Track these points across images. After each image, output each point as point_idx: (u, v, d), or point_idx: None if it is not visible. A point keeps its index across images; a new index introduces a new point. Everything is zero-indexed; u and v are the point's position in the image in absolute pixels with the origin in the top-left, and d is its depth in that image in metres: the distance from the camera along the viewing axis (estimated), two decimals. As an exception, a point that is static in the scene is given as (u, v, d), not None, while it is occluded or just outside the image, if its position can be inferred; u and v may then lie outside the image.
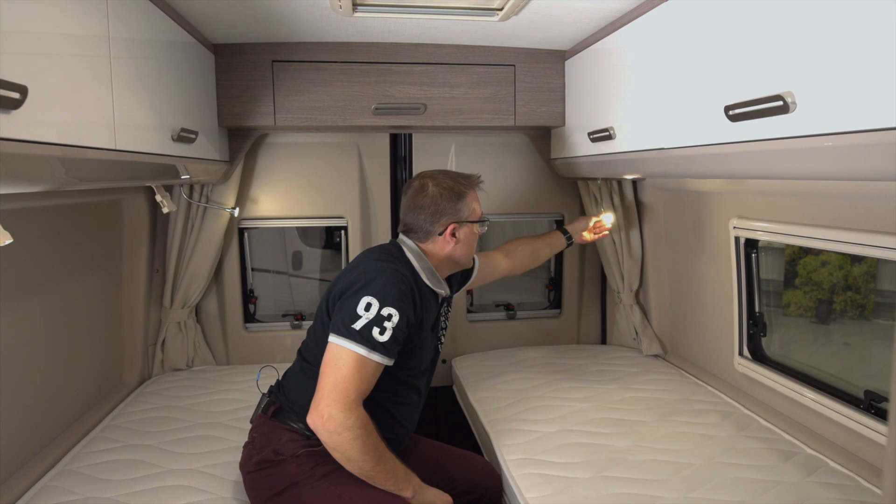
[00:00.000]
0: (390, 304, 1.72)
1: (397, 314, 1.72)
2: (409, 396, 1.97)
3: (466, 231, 2.00)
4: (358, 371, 1.69)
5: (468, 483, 2.04)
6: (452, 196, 1.97)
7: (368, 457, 1.69)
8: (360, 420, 1.68)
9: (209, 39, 2.36)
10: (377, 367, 1.73)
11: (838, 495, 1.80)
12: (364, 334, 1.70)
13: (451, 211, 1.96)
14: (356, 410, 1.67)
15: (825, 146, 1.14)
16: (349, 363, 1.69)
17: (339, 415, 1.65)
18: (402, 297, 1.75)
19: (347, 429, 1.66)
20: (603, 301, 3.52)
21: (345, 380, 1.68)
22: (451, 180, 1.99)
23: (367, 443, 1.68)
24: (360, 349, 1.69)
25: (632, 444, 2.15)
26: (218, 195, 2.90)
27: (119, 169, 1.54)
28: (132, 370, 2.81)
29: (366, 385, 1.72)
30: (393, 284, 1.75)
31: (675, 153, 1.71)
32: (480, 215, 2.04)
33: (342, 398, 1.66)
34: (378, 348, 1.71)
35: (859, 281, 2.16)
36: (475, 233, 2.03)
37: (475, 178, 2.05)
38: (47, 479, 1.93)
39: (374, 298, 1.72)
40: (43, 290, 2.12)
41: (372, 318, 1.71)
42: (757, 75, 1.33)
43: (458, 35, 2.44)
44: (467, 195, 1.99)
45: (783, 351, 2.45)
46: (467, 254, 2.03)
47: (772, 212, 2.24)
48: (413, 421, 2.04)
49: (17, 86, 0.99)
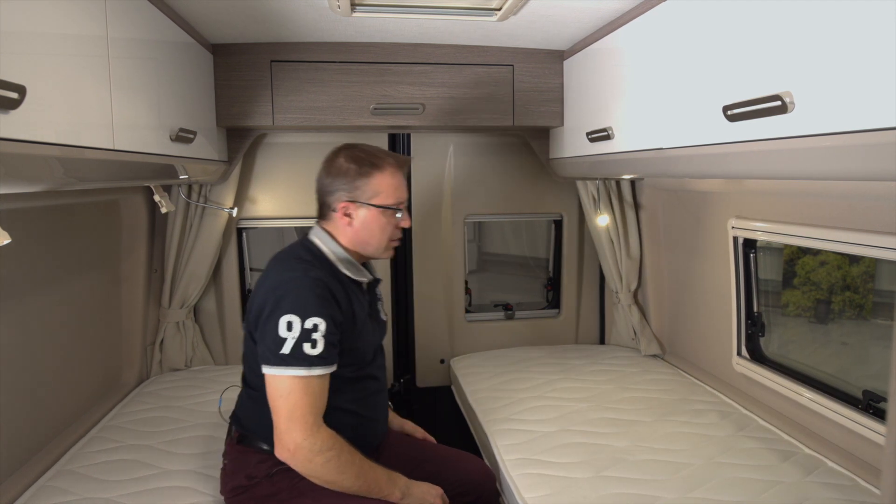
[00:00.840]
0: (312, 315, 1.60)
1: (322, 322, 1.61)
2: (365, 388, 1.86)
3: (367, 215, 1.78)
4: (306, 393, 1.60)
5: (464, 485, 2.00)
6: (356, 171, 1.76)
7: (347, 474, 1.63)
8: (328, 441, 1.61)
9: (208, 39, 2.36)
10: (323, 381, 1.64)
11: (837, 495, 1.80)
12: (296, 355, 1.59)
13: (348, 187, 1.76)
14: (320, 432, 1.60)
15: (823, 146, 1.14)
16: (294, 390, 1.59)
17: (305, 442, 1.58)
18: (320, 302, 1.63)
19: (317, 453, 1.59)
20: (601, 301, 3.52)
21: (297, 407, 1.59)
22: (365, 154, 1.78)
23: (340, 461, 1.62)
24: (299, 371, 1.59)
25: (630, 444, 2.15)
26: (216, 195, 2.90)
27: (117, 169, 1.53)
28: (130, 370, 2.80)
29: (320, 403, 1.63)
30: (306, 293, 1.63)
31: (674, 153, 1.71)
32: (395, 203, 1.79)
33: (301, 425, 1.59)
34: (316, 362, 1.60)
35: (858, 281, 2.17)
36: (385, 221, 1.79)
37: (400, 159, 1.83)
38: (46, 480, 1.93)
39: (292, 315, 1.60)
40: (41, 289, 2.12)
41: (298, 335, 1.59)
42: (755, 75, 1.33)
43: (457, 35, 2.44)
44: (375, 174, 1.76)
45: (782, 351, 2.45)
46: (371, 243, 1.81)
47: (770, 212, 2.24)
48: (381, 408, 1.95)
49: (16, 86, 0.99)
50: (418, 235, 3.27)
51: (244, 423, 1.81)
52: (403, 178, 1.83)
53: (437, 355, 3.36)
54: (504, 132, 3.03)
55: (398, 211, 1.80)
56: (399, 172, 1.81)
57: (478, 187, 3.31)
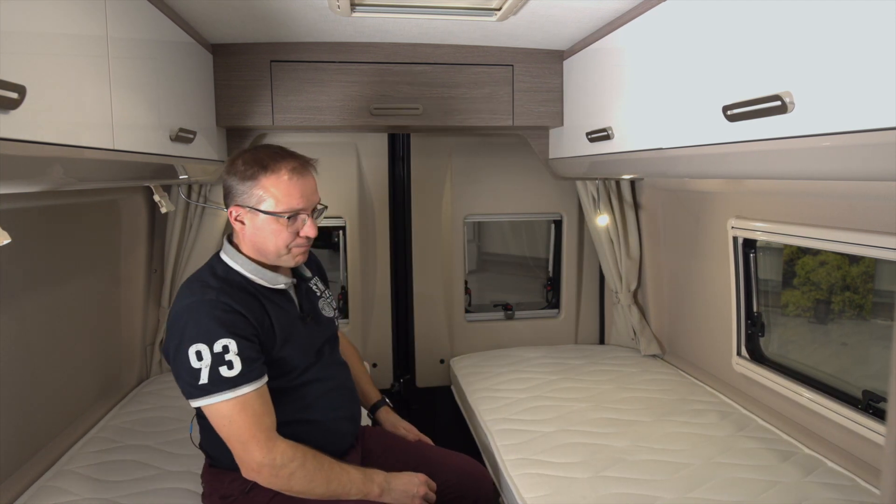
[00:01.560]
0: (217, 338, 1.54)
1: (231, 341, 1.54)
2: (308, 394, 1.78)
3: (257, 221, 1.66)
4: (246, 413, 1.55)
5: (461, 487, 1.97)
6: (242, 174, 1.65)
7: (316, 482, 1.59)
8: (287, 453, 1.56)
9: (207, 39, 2.36)
10: (259, 395, 1.57)
11: (836, 495, 1.80)
12: (215, 381, 1.53)
13: (237, 191, 1.66)
14: (277, 447, 1.56)
15: (823, 146, 1.14)
16: (232, 414, 1.54)
17: (265, 460, 1.54)
18: (221, 322, 1.55)
19: (280, 468, 1.55)
20: (601, 301, 3.52)
21: (243, 429, 1.54)
22: (262, 155, 1.67)
23: (306, 470, 1.57)
24: (226, 395, 1.53)
25: (630, 444, 2.15)
26: (216, 195, 2.90)
27: (117, 169, 1.53)
28: (130, 370, 2.80)
29: (266, 418, 1.58)
30: (204, 318, 1.56)
31: (673, 153, 1.71)
32: (286, 210, 1.64)
33: (255, 445, 1.54)
34: (240, 382, 1.54)
35: (857, 281, 2.17)
36: (277, 228, 1.66)
37: (300, 161, 1.69)
38: (45, 479, 1.93)
39: (198, 344, 1.53)
40: (41, 290, 2.12)
41: (210, 362, 1.52)
42: (755, 75, 1.33)
43: (457, 35, 2.44)
44: (262, 178, 1.64)
45: (781, 351, 2.45)
46: (269, 249, 1.69)
47: (770, 212, 2.24)
48: (338, 408, 1.85)
49: (16, 86, 0.99)
50: (418, 235, 3.27)
51: (208, 449, 1.78)
52: (305, 182, 1.68)
53: (437, 355, 3.36)
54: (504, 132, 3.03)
55: (293, 218, 1.66)
56: (297, 177, 1.66)
57: (477, 187, 3.31)
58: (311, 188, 1.70)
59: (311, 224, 1.70)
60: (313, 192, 1.70)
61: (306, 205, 1.68)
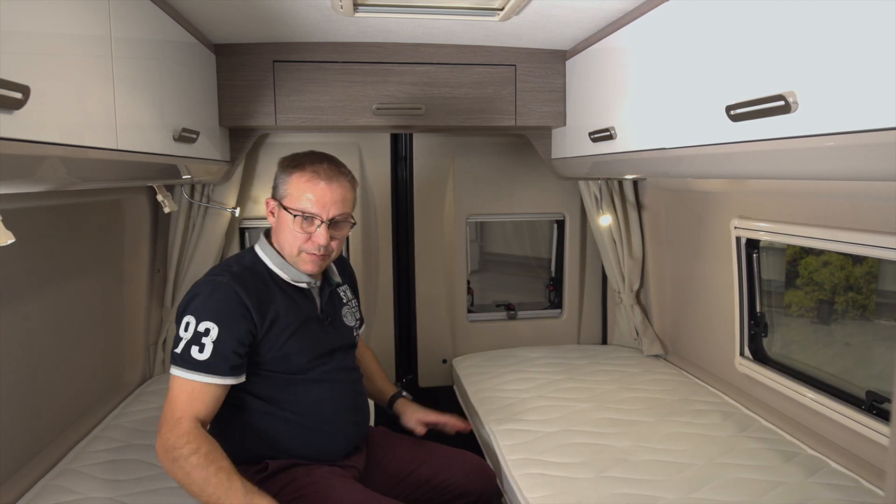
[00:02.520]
0: (206, 319, 1.60)
1: (216, 328, 1.59)
2: (317, 390, 1.79)
3: (281, 215, 1.76)
4: (183, 395, 1.58)
5: (463, 486, 1.98)
6: (285, 169, 1.78)
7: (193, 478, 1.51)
8: (182, 437, 1.53)
9: (210, 39, 2.36)
10: (210, 389, 1.60)
11: (840, 496, 1.80)
12: (184, 356, 1.59)
13: (275, 184, 1.80)
14: (180, 428, 1.54)
15: (827, 146, 1.14)
16: (175, 389, 1.60)
17: (163, 437, 1.54)
18: (221, 308, 1.62)
19: (170, 449, 1.53)
20: (604, 301, 3.52)
21: (172, 407, 1.58)
22: (304, 155, 1.79)
23: (188, 463, 1.51)
24: (180, 371, 1.59)
25: (633, 444, 2.15)
26: (219, 195, 2.90)
27: (121, 169, 1.53)
28: (133, 370, 2.81)
29: (198, 406, 1.58)
30: (211, 298, 1.63)
31: (676, 153, 1.71)
32: (299, 209, 1.72)
33: (167, 423, 1.56)
34: (200, 368, 1.58)
35: (861, 281, 2.16)
36: (293, 226, 1.73)
37: (332, 169, 1.75)
38: (49, 479, 1.93)
39: (190, 316, 1.62)
40: (44, 289, 2.12)
41: (190, 336, 1.60)
42: (758, 75, 1.33)
43: (459, 35, 2.44)
44: (294, 174, 1.74)
45: (784, 351, 2.45)
46: (284, 247, 1.77)
47: (773, 212, 2.23)
48: (346, 411, 1.85)
49: (20, 86, 0.99)
50: (420, 236, 3.27)
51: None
52: (328, 189, 1.72)
53: (440, 355, 3.36)
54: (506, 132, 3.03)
55: (304, 219, 1.72)
56: (319, 181, 1.72)
57: (480, 187, 3.31)
58: (332, 198, 1.73)
59: (321, 232, 1.73)
60: (335, 202, 1.73)
61: (319, 211, 1.72)
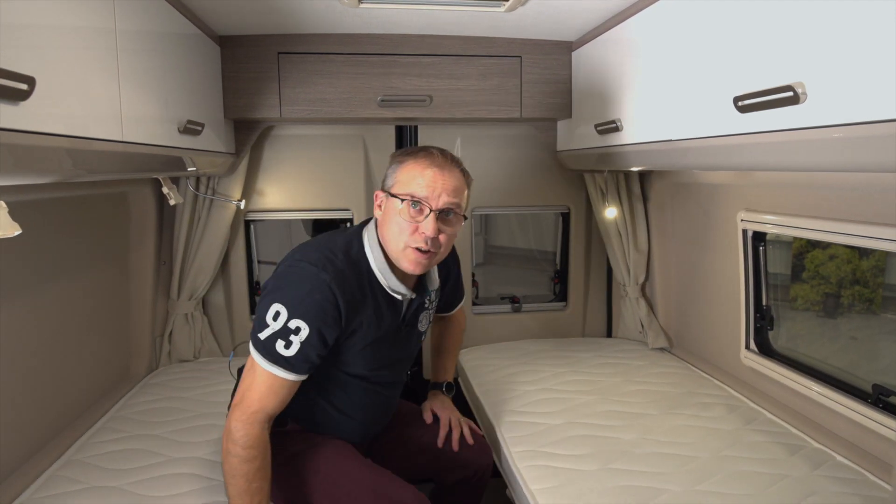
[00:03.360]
0: (299, 317, 1.54)
1: (307, 328, 1.54)
2: (350, 393, 1.81)
3: (389, 205, 1.65)
4: (263, 387, 1.57)
5: (460, 459, 2.03)
6: (396, 160, 1.70)
7: (236, 479, 1.55)
8: (252, 440, 1.55)
9: (215, 31, 2.36)
10: (285, 384, 1.59)
11: (845, 489, 1.79)
12: (268, 346, 1.55)
13: (385, 176, 1.72)
14: (250, 425, 1.55)
15: (836, 137, 1.13)
16: (257, 377, 1.57)
17: (233, 424, 1.55)
18: (317, 311, 1.55)
19: (233, 442, 1.55)
20: (609, 294, 3.52)
21: (250, 393, 1.57)
22: (418, 147, 1.71)
23: (242, 466, 1.54)
24: (263, 362, 1.56)
25: (637, 436, 2.15)
26: (224, 187, 2.90)
27: (126, 161, 1.54)
28: (139, 361, 2.82)
29: (274, 402, 1.58)
30: (309, 297, 1.55)
31: (684, 145, 1.70)
32: (405, 193, 1.61)
33: (241, 410, 1.57)
34: (281, 363, 1.55)
35: (867, 275, 2.15)
36: (399, 216, 1.62)
37: (445, 158, 1.67)
38: (55, 469, 1.95)
39: (282, 307, 1.54)
40: (50, 281, 2.13)
41: (278, 329, 1.54)
42: (767, 65, 1.32)
43: (465, 26, 2.43)
44: (406, 162, 1.66)
45: (790, 345, 2.44)
46: (390, 241, 1.66)
47: (780, 204, 2.22)
48: (376, 413, 1.91)
49: (25, 77, 0.99)
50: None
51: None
52: (440, 175, 1.63)
53: (444, 348, 3.36)
54: (511, 124, 3.02)
55: (412, 203, 1.61)
56: (436, 169, 1.63)
57: (484, 180, 3.30)
58: (444, 185, 1.63)
59: (429, 222, 1.61)
60: (445, 190, 1.63)
61: (429, 194, 1.61)
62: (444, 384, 2.28)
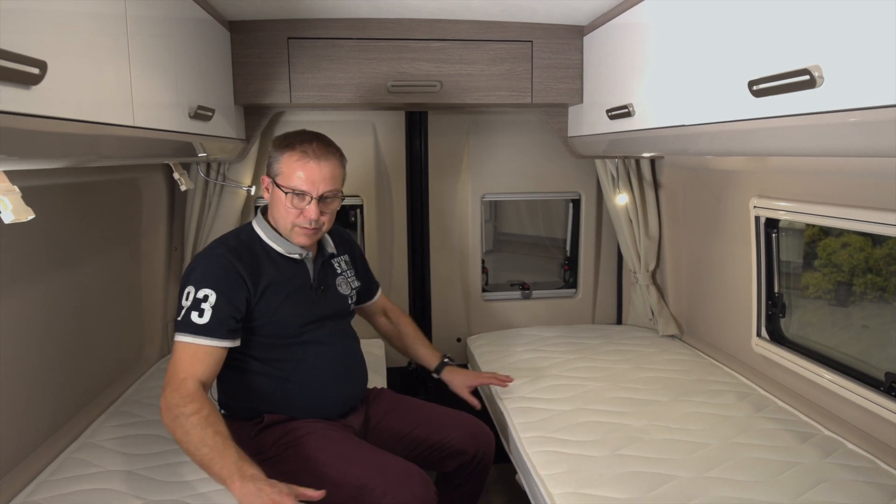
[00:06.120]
0: (205, 286, 1.73)
1: (213, 294, 1.72)
2: (309, 352, 1.92)
3: (275, 192, 1.86)
4: (186, 357, 1.68)
5: (461, 443, 2.06)
6: (277, 147, 1.87)
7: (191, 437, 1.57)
8: (186, 398, 1.61)
9: (225, 16, 2.35)
10: (211, 352, 1.71)
11: (856, 477, 1.79)
12: (185, 322, 1.70)
13: (269, 162, 1.89)
14: (183, 389, 1.62)
15: (852, 122, 1.11)
16: (179, 353, 1.69)
17: (167, 396, 1.63)
18: (217, 276, 1.75)
19: (172, 407, 1.60)
20: (619, 281, 3.50)
21: (176, 370, 1.67)
22: (295, 134, 1.88)
23: (189, 421, 1.58)
24: (184, 337, 1.70)
25: (647, 423, 2.15)
26: (234, 173, 2.91)
27: (137, 146, 1.54)
28: (152, 346, 2.85)
29: (201, 369, 1.68)
30: (208, 267, 1.77)
31: (697, 130, 1.68)
32: (290, 187, 1.82)
33: (171, 384, 1.64)
34: (201, 331, 1.69)
35: (880, 263, 2.13)
36: (285, 202, 1.84)
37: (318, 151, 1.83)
38: (70, 452, 1.98)
39: (191, 286, 1.74)
40: (63, 267, 2.15)
41: (190, 303, 1.71)
42: (782, 49, 1.30)
43: (475, 10, 2.41)
44: (285, 153, 1.83)
45: (801, 333, 2.43)
46: (279, 222, 1.88)
47: (793, 191, 2.20)
48: (340, 373, 1.97)
49: (37, 61, 0.99)
50: (435, 214, 3.26)
51: (220, 398, 1.97)
52: (316, 167, 1.81)
53: (454, 334, 3.37)
54: (522, 110, 2.99)
55: (295, 196, 1.82)
56: (308, 160, 1.81)
57: (495, 166, 3.29)
58: (320, 175, 1.82)
59: (311, 208, 1.82)
60: (323, 179, 1.82)
61: (309, 188, 1.81)
62: (443, 361, 2.41)
